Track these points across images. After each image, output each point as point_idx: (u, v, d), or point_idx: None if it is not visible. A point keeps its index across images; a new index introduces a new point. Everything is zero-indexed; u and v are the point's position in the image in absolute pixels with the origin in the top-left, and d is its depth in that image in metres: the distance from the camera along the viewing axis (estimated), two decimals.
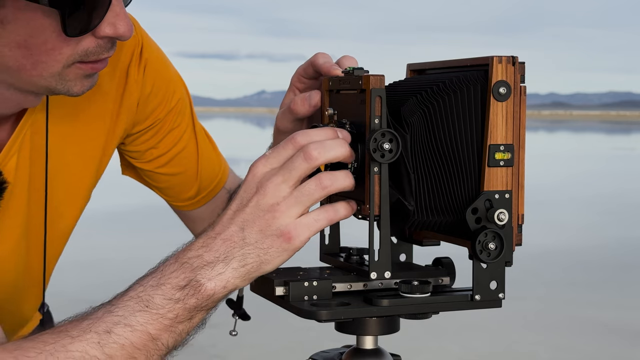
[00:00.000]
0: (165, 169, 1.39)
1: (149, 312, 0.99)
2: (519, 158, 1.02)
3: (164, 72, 1.35)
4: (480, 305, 1.02)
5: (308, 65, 1.15)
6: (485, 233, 0.99)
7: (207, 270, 0.99)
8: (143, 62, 1.30)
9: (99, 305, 1.02)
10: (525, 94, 1.02)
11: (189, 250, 1.00)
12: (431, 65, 1.13)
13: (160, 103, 1.34)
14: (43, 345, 0.98)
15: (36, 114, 1.21)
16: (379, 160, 0.97)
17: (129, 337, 0.98)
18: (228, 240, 0.99)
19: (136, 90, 1.30)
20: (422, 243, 1.11)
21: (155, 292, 0.99)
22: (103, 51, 1.07)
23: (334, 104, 1.09)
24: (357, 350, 1.06)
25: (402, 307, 1.01)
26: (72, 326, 1.00)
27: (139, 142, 1.36)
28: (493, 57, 1.00)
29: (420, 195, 1.01)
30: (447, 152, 1.01)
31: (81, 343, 0.98)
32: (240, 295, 1.20)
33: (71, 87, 1.09)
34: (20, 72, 1.05)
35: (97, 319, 0.99)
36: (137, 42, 1.30)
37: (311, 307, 0.98)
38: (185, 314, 0.99)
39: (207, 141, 1.44)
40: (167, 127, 1.36)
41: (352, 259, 1.09)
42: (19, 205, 1.23)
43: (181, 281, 0.99)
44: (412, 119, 1.00)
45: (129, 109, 1.30)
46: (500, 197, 1.01)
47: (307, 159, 0.97)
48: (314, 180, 0.98)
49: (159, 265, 1.02)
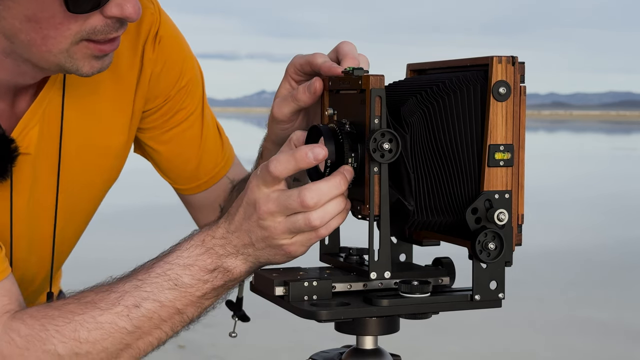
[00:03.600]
0: (166, 148, 1.40)
1: (178, 290, 1.07)
2: (519, 158, 1.02)
3: (177, 51, 1.36)
4: (480, 305, 1.02)
5: (305, 63, 1.14)
6: (485, 233, 0.99)
7: (232, 259, 1.07)
8: (157, 39, 1.32)
9: (123, 277, 1.10)
10: (525, 94, 1.02)
11: (212, 237, 1.08)
12: (431, 65, 1.13)
13: (171, 81, 1.35)
14: (72, 316, 1.07)
15: (55, 90, 1.23)
16: (379, 160, 0.97)
17: (157, 310, 1.08)
18: (243, 244, 1.07)
19: (149, 67, 1.32)
20: (422, 243, 1.11)
21: (184, 272, 1.08)
22: (111, 30, 1.09)
23: (334, 104, 1.09)
24: (357, 350, 1.06)
25: (402, 307, 1.01)
26: (99, 298, 1.08)
27: (150, 120, 1.37)
28: (493, 57, 1.00)
29: (420, 195, 1.01)
30: (447, 152, 1.01)
31: (110, 315, 1.07)
32: (239, 296, 1.20)
33: (80, 66, 1.11)
34: (31, 46, 1.08)
35: (124, 293, 1.08)
36: (155, 21, 1.32)
37: (311, 307, 0.98)
38: (212, 292, 1.09)
39: (213, 127, 1.44)
40: (176, 106, 1.37)
41: (351, 259, 1.09)
42: (42, 176, 1.24)
43: (209, 265, 1.08)
44: (412, 119, 1.00)
45: (143, 86, 1.32)
46: (500, 197, 1.01)
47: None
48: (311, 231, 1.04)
49: (182, 245, 1.09)
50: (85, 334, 1.07)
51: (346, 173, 1.02)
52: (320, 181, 1.01)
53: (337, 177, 1.01)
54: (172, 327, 1.10)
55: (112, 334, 1.07)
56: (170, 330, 1.11)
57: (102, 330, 1.07)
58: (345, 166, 1.02)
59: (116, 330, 1.07)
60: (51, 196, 1.27)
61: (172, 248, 1.11)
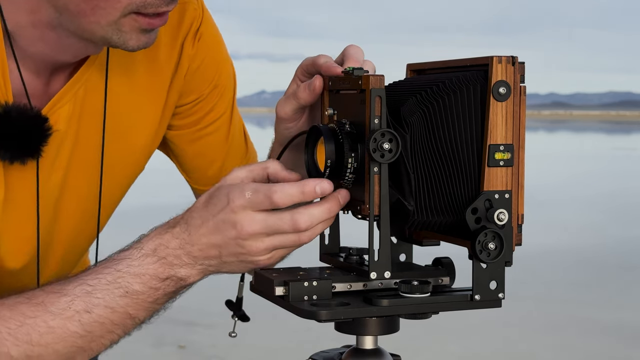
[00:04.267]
0: (192, 148, 1.39)
1: (129, 297, 1.07)
2: (519, 158, 1.02)
3: (216, 50, 1.36)
4: (480, 305, 1.02)
5: (311, 64, 1.15)
6: (485, 233, 0.99)
7: (186, 269, 1.08)
8: (198, 36, 1.32)
9: (72, 279, 1.09)
10: (525, 94, 1.02)
11: (165, 247, 1.07)
12: (431, 65, 1.13)
13: (206, 80, 1.35)
14: (24, 318, 1.07)
15: (92, 72, 1.22)
16: (379, 160, 0.97)
17: (108, 316, 1.08)
18: (206, 256, 1.07)
19: (186, 62, 1.32)
20: (422, 243, 1.11)
21: (135, 281, 1.08)
22: (162, 4, 1.09)
23: (334, 104, 1.09)
24: (357, 350, 1.06)
25: (402, 307, 1.01)
26: (50, 301, 1.08)
27: (181, 117, 1.36)
28: (493, 57, 1.00)
29: (420, 195, 1.01)
30: (447, 152, 1.01)
31: (61, 320, 1.07)
32: (239, 296, 1.20)
33: (127, 39, 1.11)
34: (80, 17, 1.08)
35: (75, 297, 1.07)
36: (197, 16, 1.32)
37: (311, 307, 0.98)
38: (164, 298, 1.10)
39: (240, 131, 1.44)
40: (208, 106, 1.37)
41: (351, 259, 1.09)
42: (63, 155, 1.23)
43: (161, 274, 1.08)
44: (412, 119, 1.00)
45: (179, 80, 1.32)
46: (500, 197, 1.01)
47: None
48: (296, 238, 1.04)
49: (132, 254, 1.08)
50: (37, 337, 1.07)
51: (341, 199, 1.03)
52: (313, 206, 1.02)
53: (331, 203, 1.03)
54: (124, 329, 1.11)
55: (64, 338, 1.08)
56: (122, 332, 1.11)
57: (54, 335, 1.07)
58: (341, 191, 1.03)
59: (68, 335, 1.07)
60: (79, 179, 1.26)
61: (122, 254, 1.10)
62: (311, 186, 1.01)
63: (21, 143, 1.14)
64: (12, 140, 1.13)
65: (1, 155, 1.14)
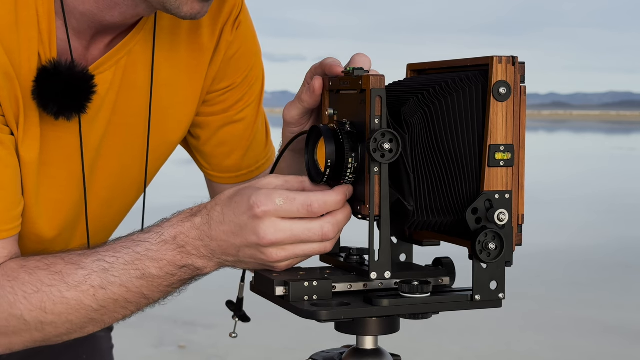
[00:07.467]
0: (216, 136, 1.40)
1: (145, 280, 1.09)
2: (519, 158, 1.02)
3: (251, 42, 1.38)
4: (480, 305, 1.02)
5: (318, 66, 1.16)
6: (485, 233, 0.99)
7: (204, 260, 1.09)
8: (237, 24, 1.33)
9: (91, 253, 1.11)
10: (525, 94, 1.02)
11: (185, 235, 1.08)
12: (431, 65, 1.13)
13: (240, 68, 1.36)
14: (40, 285, 1.09)
15: (136, 42, 1.23)
16: (379, 160, 0.97)
17: (123, 294, 1.10)
18: (224, 253, 1.08)
19: (224, 48, 1.33)
20: (422, 243, 1.11)
21: (152, 265, 1.09)
22: None
23: (334, 104, 1.09)
24: (357, 350, 1.06)
25: (402, 307, 1.01)
26: (68, 272, 1.10)
27: (208, 105, 1.37)
28: (493, 57, 1.00)
29: (420, 195, 1.01)
30: (447, 153, 1.01)
31: (77, 292, 1.09)
32: (240, 297, 1.20)
33: (182, 3, 1.11)
34: None
35: (92, 272, 1.09)
36: (237, 4, 1.33)
37: (311, 307, 0.98)
38: (179, 283, 1.12)
39: (263, 125, 1.45)
40: (237, 96, 1.38)
41: (352, 259, 1.09)
42: (100, 120, 1.23)
43: (178, 262, 1.09)
44: (413, 120, 1.00)
45: (215, 65, 1.33)
46: (500, 197, 1.01)
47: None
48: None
49: (152, 237, 1.09)
50: (51, 306, 1.09)
51: (348, 191, 1.04)
52: (337, 213, 1.04)
53: (349, 207, 1.05)
54: (138, 307, 1.13)
55: (77, 310, 1.10)
56: (135, 309, 1.13)
57: (68, 306, 1.09)
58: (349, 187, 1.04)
59: (82, 307, 1.10)
60: (111, 153, 1.27)
61: (142, 236, 1.11)
62: (344, 194, 1.04)
63: (69, 98, 1.15)
64: (60, 95, 1.14)
65: (49, 109, 1.14)
